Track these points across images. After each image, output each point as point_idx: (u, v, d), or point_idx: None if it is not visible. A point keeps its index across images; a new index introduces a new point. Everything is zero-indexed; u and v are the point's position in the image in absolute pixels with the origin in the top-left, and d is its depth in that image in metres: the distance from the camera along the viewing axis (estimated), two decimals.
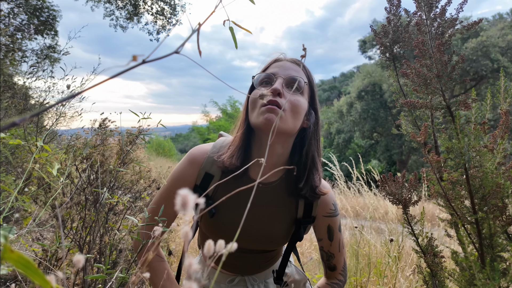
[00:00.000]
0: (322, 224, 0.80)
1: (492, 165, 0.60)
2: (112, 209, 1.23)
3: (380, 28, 0.82)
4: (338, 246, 0.82)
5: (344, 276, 0.86)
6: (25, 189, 1.34)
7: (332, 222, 0.80)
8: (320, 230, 0.81)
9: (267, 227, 0.76)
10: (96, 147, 1.19)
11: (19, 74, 2.92)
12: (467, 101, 0.58)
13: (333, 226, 0.80)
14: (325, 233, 0.81)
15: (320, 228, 0.81)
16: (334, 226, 0.81)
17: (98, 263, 1.17)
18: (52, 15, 5.18)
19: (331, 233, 0.80)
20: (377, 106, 15.17)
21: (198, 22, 0.28)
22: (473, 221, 0.64)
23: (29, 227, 0.79)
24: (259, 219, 0.75)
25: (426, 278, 0.71)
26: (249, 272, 0.85)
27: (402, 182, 0.73)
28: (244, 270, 0.85)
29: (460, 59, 0.56)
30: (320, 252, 0.85)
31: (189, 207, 0.24)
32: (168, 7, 6.43)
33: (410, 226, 0.72)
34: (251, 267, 0.85)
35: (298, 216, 0.77)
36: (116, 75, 0.22)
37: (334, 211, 0.80)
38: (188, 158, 0.78)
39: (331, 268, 0.84)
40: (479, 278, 0.61)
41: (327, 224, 0.80)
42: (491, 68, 12.29)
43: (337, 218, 0.82)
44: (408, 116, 0.79)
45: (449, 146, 0.62)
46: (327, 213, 0.79)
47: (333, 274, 0.85)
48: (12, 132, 1.56)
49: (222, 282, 0.85)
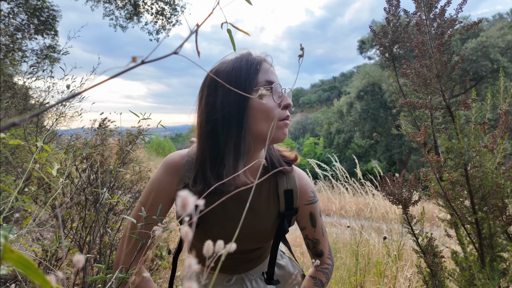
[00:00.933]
0: (304, 213, 0.82)
1: (492, 165, 0.60)
2: (112, 209, 1.23)
3: (380, 29, 0.82)
4: (321, 231, 0.84)
5: (331, 259, 0.87)
6: (25, 189, 1.34)
7: (313, 209, 0.83)
8: (303, 219, 0.83)
9: (253, 227, 0.77)
10: (96, 147, 1.19)
11: (19, 74, 2.92)
12: (467, 101, 0.58)
13: (315, 213, 0.83)
14: (308, 221, 0.82)
15: (303, 217, 0.82)
16: (315, 212, 0.83)
17: (98, 263, 1.17)
18: (52, 15, 5.18)
19: (313, 220, 0.83)
20: (377, 106, 15.17)
21: (197, 23, 0.28)
22: (473, 221, 0.64)
23: (29, 227, 0.79)
24: (245, 221, 0.75)
25: (426, 278, 0.71)
26: (244, 270, 0.86)
27: (402, 182, 0.73)
28: (238, 269, 0.86)
29: (460, 59, 0.56)
30: (306, 242, 0.86)
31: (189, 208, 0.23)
32: (168, 7, 6.43)
33: (410, 226, 0.72)
34: (244, 265, 0.86)
35: (281, 211, 0.79)
36: (116, 75, 0.22)
37: (313, 198, 0.83)
38: (164, 167, 0.75)
39: (319, 254, 0.86)
40: (479, 278, 0.61)
41: (309, 212, 0.82)
42: (491, 68, 12.30)
43: (317, 204, 0.84)
44: (407, 116, 0.79)
45: (449, 146, 0.62)
46: (307, 201, 0.81)
47: (322, 260, 0.86)
48: (12, 132, 1.56)
49: (219, 284, 0.85)
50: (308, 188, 0.81)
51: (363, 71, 16.95)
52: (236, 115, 0.66)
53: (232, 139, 0.66)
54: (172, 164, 0.75)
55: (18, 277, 1.17)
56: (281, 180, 0.78)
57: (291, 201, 0.79)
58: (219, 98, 0.66)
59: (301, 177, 0.81)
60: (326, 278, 0.85)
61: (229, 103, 0.66)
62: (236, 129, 0.66)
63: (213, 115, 0.67)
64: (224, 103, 0.66)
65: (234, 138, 0.66)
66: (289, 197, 0.78)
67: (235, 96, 0.65)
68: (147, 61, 0.21)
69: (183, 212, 0.23)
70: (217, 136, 0.67)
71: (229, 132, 0.66)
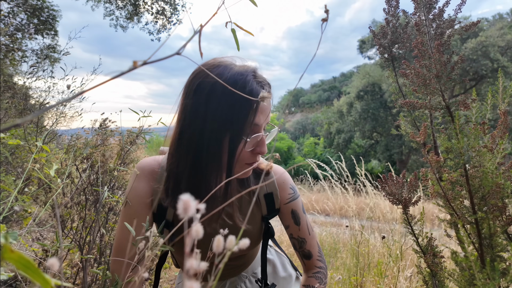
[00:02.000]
0: (286, 211, 0.79)
1: (492, 165, 0.60)
2: (112, 209, 1.23)
3: (379, 29, 0.82)
4: (307, 229, 0.80)
5: (323, 261, 0.82)
6: (25, 189, 1.34)
7: (295, 206, 0.79)
8: (285, 217, 0.80)
9: (236, 233, 0.74)
10: (97, 147, 1.19)
11: (19, 74, 2.92)
12: (466, 101, 0.58)
13: (297, 209, 0.80)
14: (290, 219, 0.79)
15: (285, 215, 0.80)
16: (297, 209, 0.80)
17: (98, 263, 1.17)
18: (52, 15, 5.18)
19: (296, 218, 0.79)
20: (377, 106, 15.18)
21: (200, 24, 0.28)
22: (473, 221, 0.64)
23: (29, 227, 0.79)
24: (231, 228, 0.72)
25: (426, 278, 0.71)
26: (236, 273, 0.85)
27: (402, 182, 0.73)
28: (231, 274, 0.85)
29: (459, 59, 0.56)
30: (291, 242, 0.82)
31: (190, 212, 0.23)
32: (169, 7, 6.43)
33: (410, 226, 0.72)
34: (236, 269, 0.85)
35: (263, 214, 0.78)
36: (117, 76, 0.23)
37: (293, 194, 0.80)
38: (140, 173, 0.70)
39: (306, 256, 0.81)
40: (479, 278, 0.61)
41: (291, 210, 0.79)
42: (491, 68, 12.30)
43: (298, 200, 0.80)
44: (407, 117, 0.80)
45: (448, 146, 0.62)
46: (287, 199, 0.79)
47: (311, 263, 0.81)
48: (12, 132, 1.56)
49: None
50: (286, 186, 0.79)
51: (363, 71, 16.96)
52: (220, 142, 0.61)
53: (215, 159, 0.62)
54: (148, 169, 0.70)
55: (18, 277, 1.17)
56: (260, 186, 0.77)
57: (272, 204, 0.78)
58: (211, 112, 0.60)
59: (279, 177, 0.79)
60: (320, 282, 0.80)
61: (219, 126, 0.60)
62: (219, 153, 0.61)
63: (199, 127, 0.61)
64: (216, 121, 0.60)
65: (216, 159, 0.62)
66: (270, 200, 0.77)
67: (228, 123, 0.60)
68: (150, 62, 0.21)
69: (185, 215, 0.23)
70: (200, 151, 0.61)
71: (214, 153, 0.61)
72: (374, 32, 0.82)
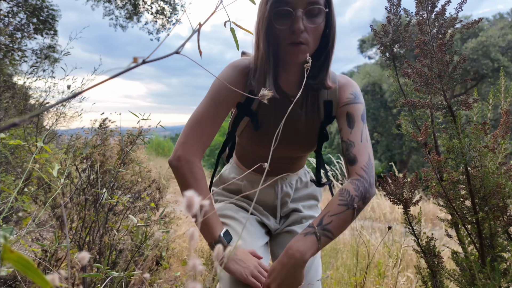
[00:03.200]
0: (341, 113, 0.81)
1: (494, 165, 0.60)
2: (111, 209, 1.23)
3: (380, 28, 0.82)
4: (359, 136, 0.78)
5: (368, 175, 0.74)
6: (24, 189, 1.34)
7: (351, 109, 0.80)
8: (340, 119, 0.82)
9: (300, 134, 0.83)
10: (96, 147, 1.19)
11: (18, 74, 2.92)
12: (468, 101, 0.58)
13: (353, 113, 0.80)
14: (344, 121, 0.80)
15: (340, 117, 0.82)
16: (354, 113, 0.80)
17: (97, 263, 1.17)
18: (52, 14, 5.17)
19: (350, 120, 0.79)
20: (378, 106, 15.16)
21: (199, 22, 0.28)
22: (474, 221, 0.64)
23: (29, 228, 0.79)
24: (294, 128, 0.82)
25: (425, 278, 0.71)
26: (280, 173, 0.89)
27: (402, 182, 0.73)
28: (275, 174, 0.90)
29: (461, 59, 0.56)
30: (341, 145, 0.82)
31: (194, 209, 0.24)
32: (168, 6, 6.42)
33: (411, 226, 0.72)
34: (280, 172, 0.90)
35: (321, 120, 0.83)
36: (117, 75, 0.22)
37: (353, 98, 0.81)
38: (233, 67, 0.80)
39: (351, 161, 0.76)
40: (479, 278, 0.61)
41: (346, 112, 0.80)
42: (492, 68, 12.28)
43: (358, 106, 0.80)
44: (408, 116, 0.79)
45: (450, 146, 0.62)
46: (345, 102, 0.81)
47: (354, 169, 0.74)
48: (12, 132, 1.56)
49: (257, 182, 0.92)
50: (347, 89, 0.81)
51: (363, 71, 16.94)
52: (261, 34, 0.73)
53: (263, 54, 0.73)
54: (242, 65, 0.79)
55: (17, 277, 1.17)
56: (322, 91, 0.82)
57: (330, 111, 0.82)
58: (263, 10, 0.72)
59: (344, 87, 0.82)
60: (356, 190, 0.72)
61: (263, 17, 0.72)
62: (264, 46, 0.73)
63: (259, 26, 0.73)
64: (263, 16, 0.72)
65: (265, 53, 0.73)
66: (328, 108, 0.82)
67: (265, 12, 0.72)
68: (148, 60, 0.21)
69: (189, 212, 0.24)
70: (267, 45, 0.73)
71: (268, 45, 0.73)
72: (375, 31, 0.81)
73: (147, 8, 6.48)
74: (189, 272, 0.22)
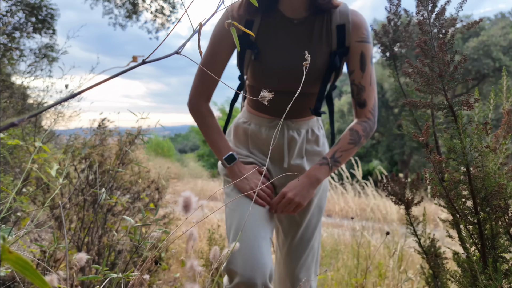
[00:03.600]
0: (355, 52, 0.80)
1: (495, 165, 0.60)
2: (110, 209, 1.23)
3: (380, 27, 0.82)
4: (369, 79, 0.81)
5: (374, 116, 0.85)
6: (23, 189, 1.33)
7: (365, 49, 0.80)
8: (353, 59, 0.81)
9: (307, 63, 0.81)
10: (95, 147, 1.18)
11: (17, 73, 2.90)
12: (469, 101, 0.57)
13: (366, 54, 0.80)
14: (357, 62, 0.80)
15: (353, 56, 0.81)
16: (366, 53, 0.81)
17: (96, 264, 1.16)
18: (50, 13, 5.15)
19: (363, 62, 0.80)
20: (379, 105, 15.03)
21: (200, 22, 0.27)
22: (475, 222, 0.63)
23: (27, 228, 0.79)
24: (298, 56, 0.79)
25: (428, 279, 0.71)
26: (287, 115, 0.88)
27: (404, 182, 0.72)
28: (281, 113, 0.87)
29: (462, 58, 0.55)
30: (351, 88, 0.85)
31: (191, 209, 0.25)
32: (168, 5, 6.41)
33: (412, 227, 0.72)
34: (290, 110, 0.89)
35: (332, 49, 0.80)
36: (117, 75, 0.22)
37: (367, 37, 0.80)
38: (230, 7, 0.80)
39: (361, 104, 0.83)
40: (481, 279, 0.60)
41: (360, 51, 0.80)
42: (493, 67, 12.27)
43: (370, 46, 0.81)
44: (409, 116, 0.79)
45: (451, 146, 0.61)
46: (360, 38, 0.80)
47: (363, 112, 0.83)
48: (10, 132, 1.55)
49: (264, 125, 0.90)
50: (362, 24, 0.80)
51: None
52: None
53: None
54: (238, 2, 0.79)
55: (16, 278, 1.17)
56: (334, 14, 0.79)
57: (343, 37, 0.80)
58: None
59: (355, 13, 0.80)
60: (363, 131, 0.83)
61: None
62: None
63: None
64: None
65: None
66: (341, 32, 0.79)
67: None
68: (149, 60, 0.20)
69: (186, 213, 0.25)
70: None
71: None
72: (375, 31, 0.81)
73: (146, 7, 6.46)
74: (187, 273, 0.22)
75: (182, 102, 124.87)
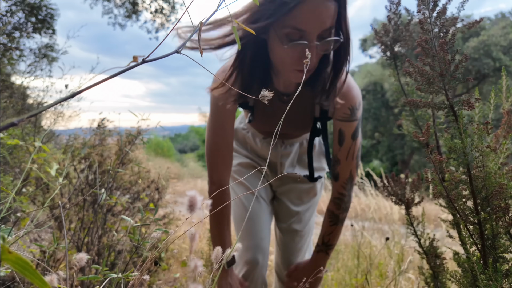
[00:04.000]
0: (335, 127, 0.82)
1: (496, 165, 0.60)
2: (110, 210, 1.22)
3: (381, 27, 0.81)
4: (346, 154, 0.81)
5: (348, 190, 0.85)
6: (23, 189, 1.33)
7: (344, 127, 0.80)
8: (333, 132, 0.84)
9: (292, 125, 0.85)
10: (95, 147, 1.18)
11: (17, 73, 2.90)
12: (470, 101, 0.57)
13: (345, 131, 0.80)
14: (336, 137, 0.82)
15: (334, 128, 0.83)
16: (346, 130, 0.80)
17: (96, 264, 1.16)
18: (50, 13, 5.15)
19: (341, 138, 0.81)
20: (379, 105, 15.12)
21: (200, 21, 0.27)
22: (476, 222, 0.63)
23: (27, 228, 0.78)
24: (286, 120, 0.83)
25: (427, 279, 0.71)
26: (281, 136, 0.97)
27: (404, 182, 0.72)
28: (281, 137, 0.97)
29: (463, 58, 0.55)
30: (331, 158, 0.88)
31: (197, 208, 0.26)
32: (167, 5, 6.41)
33: (413, 227, 0.72)
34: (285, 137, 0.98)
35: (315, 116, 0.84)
36: (117, 75, 0.22)
37: (349, 116, 0.80)
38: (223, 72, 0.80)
39: (335, 177, 0.85)
40: (481, 279, 0.60)
41: (339, 128, 0.81)
42: (493, 67, 12.27)
43: (352, 124, 0.80)
44: (409, 116, 0.79)
45: (451, 146, 0.61)
46: (340, 117, 0.80)
47: (335, 186, 0.86)
48: (10, 132, 1.55)
49: (258, 137, 0.98)
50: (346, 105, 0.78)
51: (364, 70, 16.91)
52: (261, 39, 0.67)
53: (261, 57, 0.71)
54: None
55: (16, 278, 1.16)
56: None
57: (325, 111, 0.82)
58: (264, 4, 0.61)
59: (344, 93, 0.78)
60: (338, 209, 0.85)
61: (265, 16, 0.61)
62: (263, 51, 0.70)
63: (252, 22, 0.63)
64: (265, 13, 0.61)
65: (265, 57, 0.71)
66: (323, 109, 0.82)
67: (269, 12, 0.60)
68: (148, 60, 0.20)
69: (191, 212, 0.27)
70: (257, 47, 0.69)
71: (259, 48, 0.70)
72: (375, 30, 0.81)
73: (146, 6, 6.46)
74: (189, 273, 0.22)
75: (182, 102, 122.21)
